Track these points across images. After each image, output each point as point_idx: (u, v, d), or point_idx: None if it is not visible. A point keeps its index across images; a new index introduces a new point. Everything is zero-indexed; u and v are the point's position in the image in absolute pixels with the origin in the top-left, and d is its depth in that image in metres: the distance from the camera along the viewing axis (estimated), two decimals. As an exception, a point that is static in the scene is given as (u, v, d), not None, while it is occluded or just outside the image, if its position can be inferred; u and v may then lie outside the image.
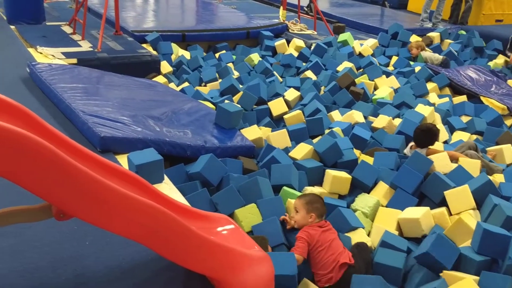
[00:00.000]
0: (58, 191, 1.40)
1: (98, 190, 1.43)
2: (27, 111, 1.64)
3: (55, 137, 1.68)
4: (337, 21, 7.83)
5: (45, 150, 1.34)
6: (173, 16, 7.73)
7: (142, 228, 1.50)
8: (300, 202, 2.59)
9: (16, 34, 5.45)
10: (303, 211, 2.56)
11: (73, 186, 1.40)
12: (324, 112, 4.18)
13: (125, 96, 3.86)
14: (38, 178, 1.36)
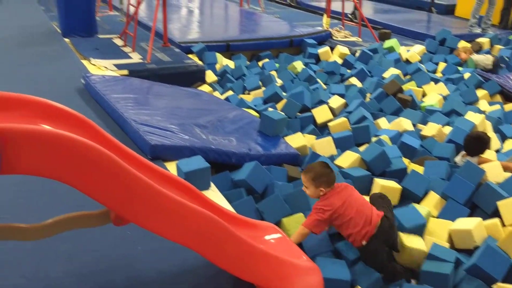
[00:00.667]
0: (118, 198, 1.45)
1: (155, 197, 1.47)
2: (87, 121, 1.71)
3: (113, 145, 1.73)
4: (382, 27, 7.70)
5: (106, 159, 1.40)
6: (217, 27, 7.86)
7: (196, 235, 1.53)
8: (305, 178, 2.44)
9: (70, 46, 5.70)
10: (311, 187, 2.43)
11: (132, 192, 1.44)
12: (370, 120, 4.11)
13: (173, 105, 3.95)
14: (100, 184, 1.42)
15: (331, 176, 2.43)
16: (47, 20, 7.20)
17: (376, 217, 2.36)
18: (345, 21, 7.45)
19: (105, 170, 1.44)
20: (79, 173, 1.41)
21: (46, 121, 1.66)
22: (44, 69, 4.83)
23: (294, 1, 10.62)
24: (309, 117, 4.22)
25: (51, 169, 1.38)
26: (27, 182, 2.30)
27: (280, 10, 9.85)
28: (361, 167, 3.31)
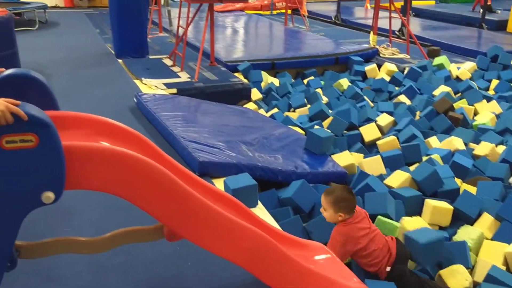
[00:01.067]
0: (172, 213, 1.48)
1: (208, 214, 1.50)
2: (143, 138, 1.76)
3: (166, 161, 1.78)
4: (431, 44, 7.54)
5: (162, 175, 1.44)
6: (262, 45, 7.95)
7: (247, 253, 1.53)
8: (326, 201, 2.35)
9: (123, 67, 5.94)
10: (330, 210, 2.35)
11: (186, 209, 1.48)
12: (420, 138, 4.01)
13: (220, 122, 4.01)
14: (156, 200, 1.46)
15: (352, 202, 2.36)
16: (102, 42, 7.55)
17: (391, 241, 2.36)
18: (392, 38, 7.36)
19: (161, 186, 1.48)
20: (137, 189, 1.46)
21: (105, 138, 1.73)
22: (99, 88, 5.06)
23: (339, 19, 10.61)
24: (357, 135, 4.16)
25: (110, 185, 1.43)
26: (85, 196, 2.39)
27: (325, 28, 9.86)
28: (411, 187, 3.23)
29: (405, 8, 7.88)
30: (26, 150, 1.26)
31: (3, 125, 1.23)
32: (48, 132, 1.27)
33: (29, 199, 1.32)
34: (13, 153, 1.25)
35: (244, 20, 10.42)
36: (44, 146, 1.27)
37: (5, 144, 1.24)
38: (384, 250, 2.33)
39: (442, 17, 10.73)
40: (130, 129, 1.79)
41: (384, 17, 8.02)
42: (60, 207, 1.55)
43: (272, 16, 11.63)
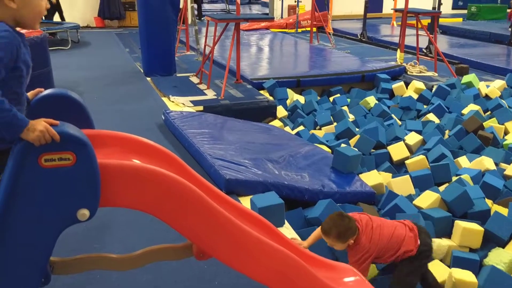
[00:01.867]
0: (202, 232, 1.49)
1: (236, 233, 1.50)
2: (173, 156, 1.79)
3: (195, 179, 1.79)
4: (459, 62, 7.44)
5: (192, 194, 1.45)
6: (287, 63, 8.00)
7: (275, 273, 1.52)
8: (329, 240, 2.26)
9: (152, 85, 6.07)
10: (339, 244, 2.26)
11: (215, 227, 1.48)
12: (450, 158, 3.93)
13: (246, 139, 4.03)
14: (185, 218, 1.47)
15: (352, 224, 2.29)
16: (131, 61, 7.75)
17: (409, 231, 2.34)
18: (419, 55, 7.30)
19: (191, 204, 1.49)
20: (167, 206, 1.48)
21: (137, 156, 1.76)
22: (129, 105, 5.17)
23: (365, 36, 10.60)
24: (385, 154, 4.11)
25: (142, 202, 1.46)
26: (114, 212, 2.43)
27: (350, 46, 9.85)
28: (441, 207, 3.16)
29: (432, 25, 7.81)
30: (64, 168, 1.30)
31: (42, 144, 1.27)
32: (85, 150, 1.30)
33: (65, 216, 1.35)
34: (51, 171, 1.29)
35: (269, 38, 10.51)
36: (81, 164, 1.30)
37: (44, 163, 1.28)
38: (396, 243, 2.31)
39: (470, 35, 10.60)
40: (159, 146, 1.82)
41: (411, 35, 7.97)
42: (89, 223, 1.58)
43: (297, 34, 11.70)
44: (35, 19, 1.42)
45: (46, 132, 1.26)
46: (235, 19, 5.95)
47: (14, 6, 1.35)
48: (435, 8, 8.52)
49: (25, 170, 1.28)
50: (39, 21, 1.46)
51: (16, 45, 1.34)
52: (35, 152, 1.27)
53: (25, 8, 1.37)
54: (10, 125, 1.28)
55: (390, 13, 12.60)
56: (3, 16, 1.36)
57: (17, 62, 1.37)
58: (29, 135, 1.27)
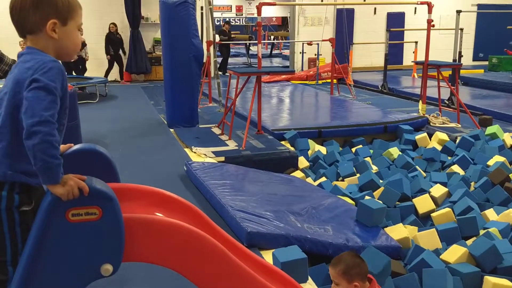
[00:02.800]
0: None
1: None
2: (195, 209, 1.79)
3: (217, 233, 1.79)
4: (482, 113, 7.40)
5: (214, 249, 1.45)
6: (308, 114, 8.07)
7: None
8: (335, 272, 2.14)
9: (175, 136, 6.19)
10: (344, 282, 2.12)
11: (237, 285, 1.45)
12: (477, 211, 3.83)
13: (267, 191, 4.01)
14: (206, 273, 1.46)
15: (364, 267, 2.18)
16: (155, 113, 7.96)
17: None
18: (442, 107, 7.29)
19: (212, 260, 1.49)
20: (189, 262, 1.47)
21: (160, 209, 1.77)
22: (152, 156, 5.26)
23: (386, 88, 10.69)
24: (410, 207, 4.02)
25: (164, 257, 1.46)
26: (136, 265, 2.41)
27: (371, 97, 9.93)
28: (469, 262, 3.06)
29: (454, 77, 7.85)
30: (90, 223, 1.32)
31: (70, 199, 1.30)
32: (111, 205, 1.33)
33: (89, 271, 1.35)
34: (78, 226, 1.31)
35: (290, 89, 10.69)
36: (106, 219, 1.32)
37: (71, 217, 1.30)
38: None
39: (492, 86, 10.57)
40: (182, 199, 1.84)
41: (432, 86, 8.00)
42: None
43: (317, 85, 11.88)
44: (74, 50, 1.50)
45: (75, 187, 1.29)
46: (256, 72, 6.11)
47: (56, 36, 1.42)
48: (456, 60, 8.59)
49: (52, 224, 1.30)
50: (76, 52, 1.54)
51: (63, 75, 1.40)
52: (63, 207, 1.30)
53: (65, 39, 1.44)
54: (51, 172, 1.30)
55: (411, 65, 12.75)
56: (46, 47, 1.43)
57: (64, 93, 1.42)
58: (59, 188, 1.30)
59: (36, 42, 1.43)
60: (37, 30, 1.42)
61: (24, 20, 1.41)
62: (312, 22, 14.03)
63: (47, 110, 1.30)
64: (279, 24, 25.96)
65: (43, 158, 1.27)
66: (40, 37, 1.42)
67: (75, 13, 1.47)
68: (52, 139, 1.29)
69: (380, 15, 14.79)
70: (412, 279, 2.82)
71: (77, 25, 1.50)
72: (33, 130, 1.27)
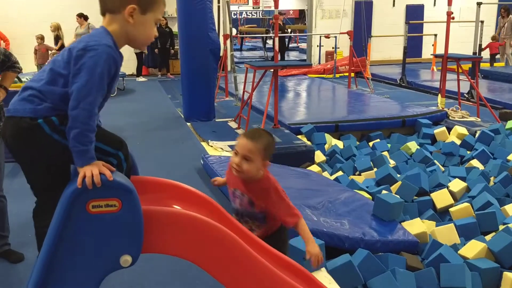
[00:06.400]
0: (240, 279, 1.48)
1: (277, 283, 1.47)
2: (213, 202, 1.81)
3: (235, 226, 1.80)
4: (502, 107, 7.27)
5: (231, 240, 1.46)
6: (325, 108, 8.03)
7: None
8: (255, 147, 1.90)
9: (192, 130, 6.23)
10: (259, 159, 1.92)
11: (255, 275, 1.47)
12: (496, 206, 3.77)
13: (284, 185, 3.93)
14: (223, 265, 1.48)
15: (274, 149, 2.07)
16: (172, 107, 8.02)
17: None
18: (461, 100, 7.18)
19: (229, 251, 1.50)
20: (206, 253, 1.49)
21: (178, 202, 1.80)
22: (169, 150, 5.31)
23: (404, 81, 10.56)
24: (428, 201, 3.99)
25: (182, 249, 1.48)
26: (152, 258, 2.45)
27: (389, 91, 9.83)
28: (488, 258, 3.03)
29: (474, 70, 7.72)
30: (110, 214, 1.34)
31: (90, 190, 1.33)
32: (130, 197, 1.35)
33: (109, 262, 1.38)
34: (98, 217, 1.34)
35: (307, 83, 10.64)
36: (126, 211, 1.35)
37: (91, 209, 1.33)
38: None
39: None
40: (199, 192, 1.86)
41: (451, 80, 7.89)
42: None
43: (335, 79, 11.81)
44: (145, 40, 1.54)
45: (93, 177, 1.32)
46: (273, 66, 6.09)
47: (131, 21, 1.46)
48: (476, 53, 8.44)
49: (73, 215, 1.33)
50: (148, 44, 1.58)
51: (113, 62, 1.44)
52: (84, 198, 1.33)
53: (139, 26, 1.48)
54: (83, 154, 1.36)
55: (430, 58, 12.57)
56: (118, 30, 1.47)
57: (111, 80, 1.47)
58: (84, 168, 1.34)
59: (110, 22, 1.48)
60: (116, 11, 1.46)
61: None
62: (330, 15, 13.92)
63: (87, 96, 1.37)
64: (296, 17, 25.80)
65: (78, 142, 1.36)
66: (117, 19, 1.46)
67: (156, 6, 1.51)
68: (89, 127, 1.36)
69: (399, 7, 14.58)
70: (430, 274, 2.81)
71: (155, 19, 1.53)
72: (74, 115, 1.36)
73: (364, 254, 2.89)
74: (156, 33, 1.57)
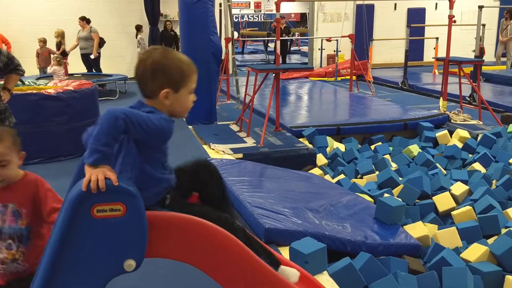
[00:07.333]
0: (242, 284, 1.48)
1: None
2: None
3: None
4: (504, 110, 7.26)
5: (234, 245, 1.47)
6: (327, 111, 8.03)
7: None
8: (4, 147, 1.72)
9: (193, 133, 6.24)
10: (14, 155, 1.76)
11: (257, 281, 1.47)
12: (498, 209, 3.77)
13: (285, 188, 4.02)
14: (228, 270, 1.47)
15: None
16: (174, 109, 7.99)
17: None
18: (463, 104, 7.18)
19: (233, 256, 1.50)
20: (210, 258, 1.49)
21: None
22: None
23: (406, 85, 10.56)
24: (430, 205, 3.99)
25: (186, 253, 1.48)
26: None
27: (391, 94, 9.83)
28: (490, 261, 3.03)
29: (475, 73, 7.73)
30: (114, 219, 1.35)
31: (95, 194, 1.33)
32: (135, 201, 1.35)
33: (112, 266, 1.38)
34: (102, 222, 1.34)
35: (308, 86, 10.65)
36: (130, 215, 1.35)
37: (95, 213, 1.34)
38: None
39: (515, 82, 10.37)
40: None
41: (453, 83, 7.89)
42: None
43: (336, 82, 11.81)
44: (184, 112, 1.69)
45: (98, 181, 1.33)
46: (274, 69, 6.10)
47: (168, 103, 1.60)
48: (478, 57, 8.44)
49: (78, 220, 1.34)
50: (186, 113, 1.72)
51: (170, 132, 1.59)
52: (88, 202, 1.33)
53: (176, 104, 1.62)
54: (94, 153, 1.37)
55: (431, 61, 12.57)
56: (161, 109, 1.60)
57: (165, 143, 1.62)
58: (90, 171, 1.35)
59: (153, 104, 1.60)
60: (153, 96, 1.59)
61: (144, 86, 1.60)
62: (331, 18, 13.94)
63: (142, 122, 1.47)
64: (298, 20, 25.86)
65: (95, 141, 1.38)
66: (156, 101, 1.59)
67: (188, 80, 1.63)
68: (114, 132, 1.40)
69: (400, 10, 14.60)
70: (432, 278, 2.81)
71: (189, 90, 1.65)
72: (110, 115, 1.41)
73: (366, 258, 2.89)
74: (194, 98, 1.70)
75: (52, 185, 1.83)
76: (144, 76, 1.59)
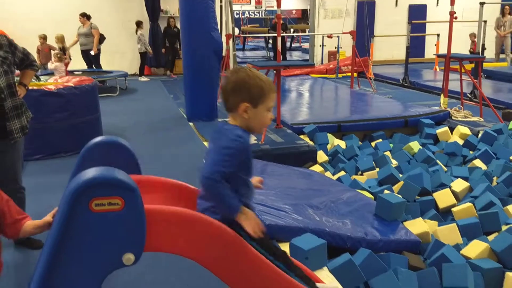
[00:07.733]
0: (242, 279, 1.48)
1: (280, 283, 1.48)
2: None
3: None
4: (505, 107, 7.25)
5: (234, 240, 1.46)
6: (328, 108, 8.02)
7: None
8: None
9: (194, 130, 6.24)
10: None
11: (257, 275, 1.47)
12: (499, 206, 3.77)
13: (286, 185, 4.02)
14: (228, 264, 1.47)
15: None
16: (175, 107, 8.03)
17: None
18: (464, 100, 7.17)
19: (232, 250, 1.51)
20: (209, 252, 1.50)
21: (180, 201, 1.81)
22: (172, 150, 5.31)
23: (407, 81, 10.55)
24: (430, 201, 3.98)
25: (184, 248, 1.48)
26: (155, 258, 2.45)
27: (392, 91, 9.82)
28: (490, 258, 3.03)
29: (476, 70, 7.71)
30: (112, 213, 1.35)
31: (93, 188, 1.33)
32: (133, 196, 1.35)
33: (111, 260, 1.38)
34: (101, 216, 1.34)
35: (309, 83, 10.63)
36: (128, 209, 1.35)
37: (94, 207, 1.34)
38: None
39: (516, 79, 10.35)
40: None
41: (454, 79, 7.88)
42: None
43: (337, 79, 11.80)
44: (261, 127, 1.79)
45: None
46: (275, 66, 6.09)
47: (246, 117, 1.71)
48: (479, 53, 8.42)
49: (76, 213, 1.34)
50: (263, 129, 1.81)
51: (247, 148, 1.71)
52: (86, 196, 1.33)
53: (254, 119, 1.72)
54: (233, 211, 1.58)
55: (432, 58, 12.55)
56: (240, 122, 1.73)
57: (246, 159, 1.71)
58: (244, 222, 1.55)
59: (234, 118, 1.75)
60: (234, 110, 1.73)
61: (227, 100, 1.74)
62: (333, 15, 13.91)
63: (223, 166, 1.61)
64: (299, 16, 25.79)
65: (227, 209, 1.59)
66: (236, 115, 1.73)
67: (266, 98, 1.72)
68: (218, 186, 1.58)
69: (401, 7, 14.57)
70: (432, 274, 2.80)
71: (267, 108, 1.74)
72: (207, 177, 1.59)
73: (366, 254, 2.89)
74: (272, 116, 1.78)
75: (53, 181, 1.85)
76: (227, 90, 1.73)
